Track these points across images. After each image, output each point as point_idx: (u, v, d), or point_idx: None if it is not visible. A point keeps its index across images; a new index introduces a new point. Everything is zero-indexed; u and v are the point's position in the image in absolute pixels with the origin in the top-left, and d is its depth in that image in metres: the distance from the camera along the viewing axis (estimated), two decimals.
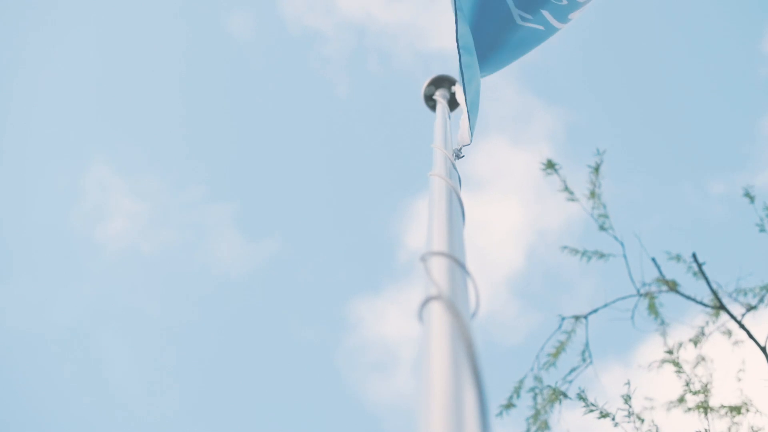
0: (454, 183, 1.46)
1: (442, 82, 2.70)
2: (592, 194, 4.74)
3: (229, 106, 11.15)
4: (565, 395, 3.89)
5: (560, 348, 4.62)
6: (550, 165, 4.69)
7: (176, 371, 8.92)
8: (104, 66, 11.11)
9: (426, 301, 0.99)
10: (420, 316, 0.98)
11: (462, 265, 1.07)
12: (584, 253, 4.72)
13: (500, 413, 4.30)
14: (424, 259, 1.08)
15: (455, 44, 2.66)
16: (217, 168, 10.85)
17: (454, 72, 2.75)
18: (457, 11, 2.39)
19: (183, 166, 10.80)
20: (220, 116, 11.12)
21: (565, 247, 4.77)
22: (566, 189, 4.75)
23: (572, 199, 4.74)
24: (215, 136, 11.04)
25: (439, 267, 1.06)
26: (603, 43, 10.10)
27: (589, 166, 4.74)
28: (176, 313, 9.63)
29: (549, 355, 4.54)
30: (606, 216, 4.74)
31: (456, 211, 1.32)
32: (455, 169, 1.72)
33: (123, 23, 11.11)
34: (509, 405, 4.32)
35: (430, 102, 2.69)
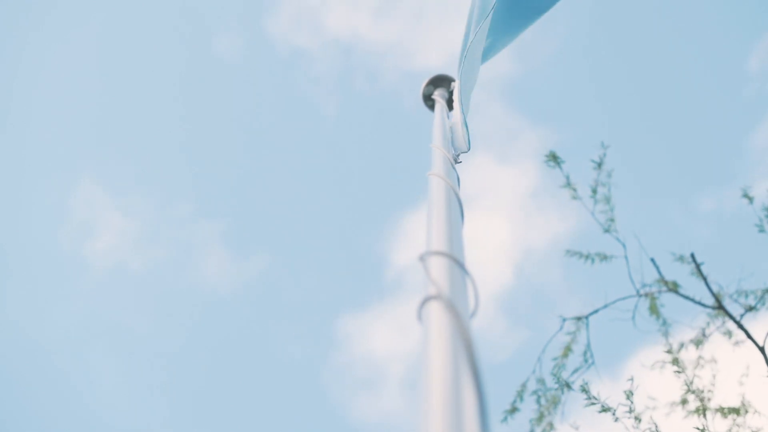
0: (453, 183, 1.46)
1: (440, 81, 2.69)
2: (594, 192, 4.71)
3: (217, 123, 11.22)
4: (569, 386, 3.89)
5: (567, 348, 4.60)
6: (553, 158, 4.66)
7: (164, 388, 8.93)
8: (92, 84, 11.17)
9: (425, 301, 0.98)
10: (419, 315, 0.98)
11: (461, 265, 1.07)
12: (588, 256, 4.71)
13: (505, 419, 4.28)
14: (423, 258, 1.08)
15: (460, 50, 2.66)
16: (205, 185, 10.95)
17: (452, 72, 2.75)
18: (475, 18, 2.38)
19: (171, 184, 10.87)
20: (208, 134, 11.22)
21: (568, 251, 4.76)
22: (568, 185, 4.71)
23: (575, 197, 4.71)
24: (203, 153, 11.14)
25: (438, 267, 1.06)
26: (589, 62, 10.14)
27: (593, 161, 4.70)
28: (164, 330, 9.66)
29: (555, 358, 4.53)
30: (612, 219, 4.71)
31: (455, 211, 1.31)
32: (454, 169, 1.72)
33: (111, 42, 11.20)
34: (513, 410, 4.31)
35: (429, 102, 2.68)
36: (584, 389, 3.28)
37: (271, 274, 10.04)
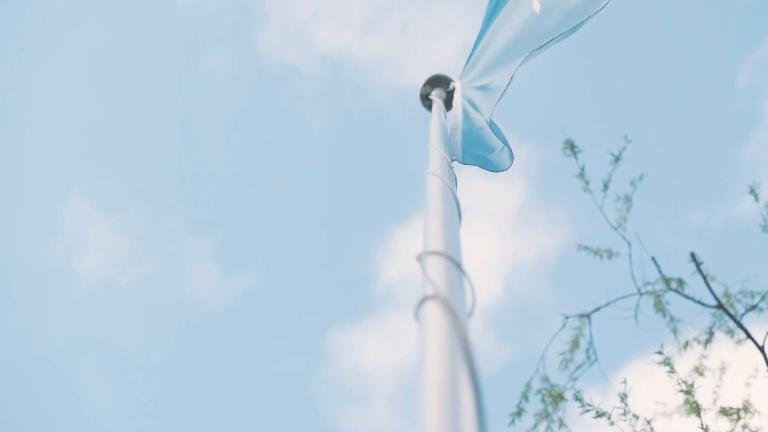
0: (451, 182, 1.45)
1: (438, 81, 2.69)
2: (606, 186, 4.70)
3: (207, 139, 11.26)
4: (562, 397, 3.88)
5: (575, 342, 4.59)
6: (571, 146, 4.64)
7: (153, 403, 8.91)
8: (83, 100, 11.15)
9: (422, 301, 0.98)
10: (417, 315, 0.98)
11: (458, 265, 1.06)
12: (597, 252, 4.71)
13: (512, 422, 4.26)
14: (420, 258, 1.08)
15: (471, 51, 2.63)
16: (194, 200, 10.96)
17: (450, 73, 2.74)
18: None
19: (160, 199, 10.87)
20: (197, 149, 11.24)
21: (580, 246, 4.76)
22: (581, 175, 4.70)
23: (586, 190, 4.70)
24: (193, 168, 11.15)
25: (435, 266, 1.06)
26: (579, 77, 10.15)
27: (612, 154, 4.67)
28: (153, 346, 9.63)
29: (562, 353, 4.52)
30: (625, 219, 4.71)
31: (452, 211, 1.31)
32: (451, 169, 1.71)
33: (101, 58, 11.20)
34: (519, 411, 4.29)
35: (426, 102, 2.68)
36: (577, 397, 3.27)
37: (261, 289, 10.08)
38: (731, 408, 3.86)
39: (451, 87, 2.61)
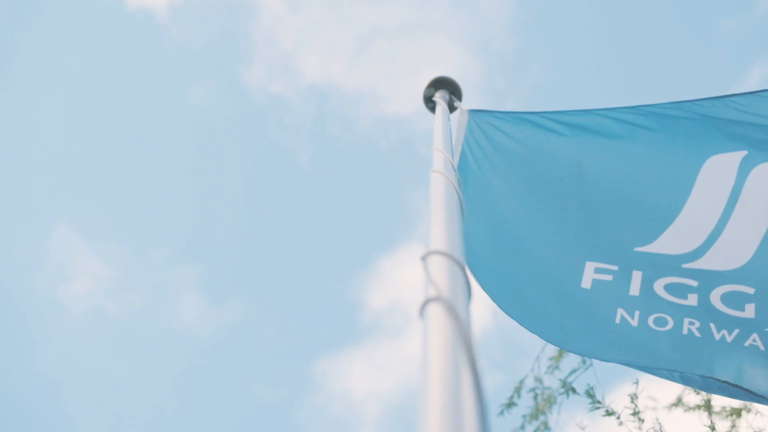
0: (455, 182, 1.45)
1: (442, 83, 2.69)
2: None
3: (193, 170, 11.31)
4: (573, 390, 3.86)
5: (562, 351, 4.60)
6: None
7: None
8: (69, 130, 11.20)
9: (426, 303, 0.98)
10: (421, 316, 0.98)
11: (461, 265, 1.05)
12: None
13: (501, 412, 4.29)
14: (423, 258, 1.07)
15: None
16: (181, 230, 11.00)
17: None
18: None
19: (147, 229, 10.91)
20: (184, 180, 11.29)
21: None
22: None
23: None
24: (179, 199, 11.21)
25: (438, 267, 1.05)
26: (564, 104, 10.16)
27: None
28: (141, 375, 9.64)
29: (551, 358, 4.52)
30: None
31: (456, 210, 1.30)
32: (454, 170, 1.71)
33: (87, 89, 11.27)
34: (510, 404, 4.31)
35: (430, 104, 2.68)
36: (589, 393, 3.26)
37: (248, 318, 10.10)
38: (731, 408, 3.85)
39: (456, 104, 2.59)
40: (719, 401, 3.87)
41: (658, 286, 2.15)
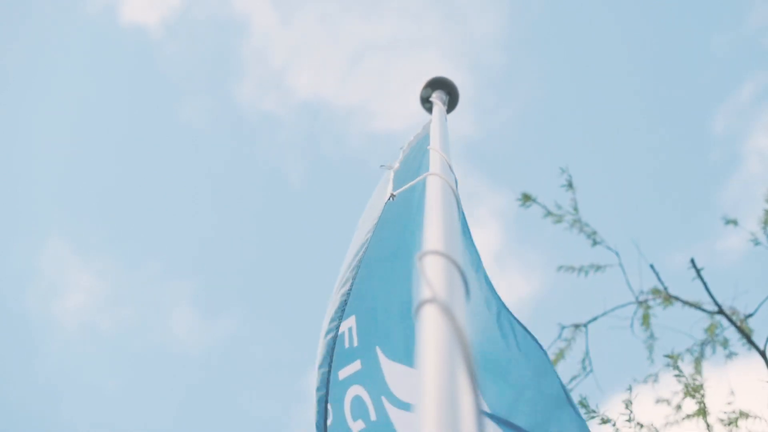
0: (452, 183, 1.44)
1: (439, 84, 2.68)
2: (576, 210, 4.75)
3: (185, 186, 11.34)
4: None
5: (559, 355, 4.61)
6: (527, 198, 4.71)
7: None
8: (61, 146, 11.17)
9: (421, 304, 0.97)
10: (417, 316, 0.97)
11: (458, 265, 1.05)
12: (581, 269, 4.71)
13: None
14: (420, 258, 1.06)
15: None
16: (173, 246, 10.98)
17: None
18: None
19: (139, 244, 10.91)
20: (176, 195, 11.32)
21: (560, 267, 4.77)
22: (549, 213, 4.75)
23: (558, 221, 4.74)
24: (171, 214, 11.24)
25: (434, 267, 1.04)
26: (549, 127, 10.20)
27: (563, 186, 4.73)
28: (134, 390, 9.65)
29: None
30: (595, 232, 4.74)
31: (453, 211, 1.30)
32: (452, 171, 1.70)
33: (79, 105, 11.22)
34: None
35: (427, 104, 2.67)
36: (583, 404, 3.26)
37: (240, 334, 10.11)
38: (730, 413, 3.85)
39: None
40: (719, 407, 3.87)
41: None
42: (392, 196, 2.02)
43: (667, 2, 10.06)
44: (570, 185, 4.69)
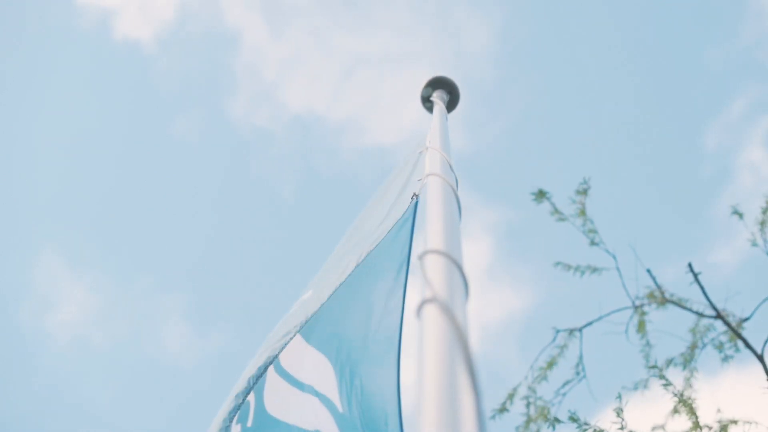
0: (452, 182, 1.44)
1: (439, 83, 2.68)
2: (582, 212, 4.77)
3: (179, 199, 11.35)
4: (558, 420, 3.84)
5: (552, 361, 4.61)
6: (541, 194, 4.74)
7: None
8: (54, 159, 11.20)
9: (422, 303, 0.97)
10: (418, 317, 0.97)
11: (458, 264, 1.05)
12: (577, 268, 4.72)
13: (493, 416, 4.30)
14: (421, 258, 1.06)
15: None
16: (166, 259, 11.01)
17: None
18: None
19: (132, 258, 10.92)
20: (169, 209, 11.33)
21: (558, 263, 4.77)
22: (556, 211, 4.77)
23: (562, 219, 4.76)
24: (164, 228, 11.24)
25: (435, 266, 1.04)
26: (543, 142, 10.21)
27: (578, 191, 4.76)
28: (127, 404, 9.61)
29: (539, 368, 4.52)
30: (595, 231, 4.76)
31: (453, 210, 1.30)
32: (452, 170, 1.70)
33: (71, 119, 11.24)
34: (503, 409, 4.32)
35: (428, 104, 2.67)
36: (573, 418, 3.25)
37: (233, 347, 10.12)
38: (726, 420, 3.85)
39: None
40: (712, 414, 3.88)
41: None
42: (414, 195, 1.95)
43: (661, 16, 10.12)
44: (585, 192, 4.73)
